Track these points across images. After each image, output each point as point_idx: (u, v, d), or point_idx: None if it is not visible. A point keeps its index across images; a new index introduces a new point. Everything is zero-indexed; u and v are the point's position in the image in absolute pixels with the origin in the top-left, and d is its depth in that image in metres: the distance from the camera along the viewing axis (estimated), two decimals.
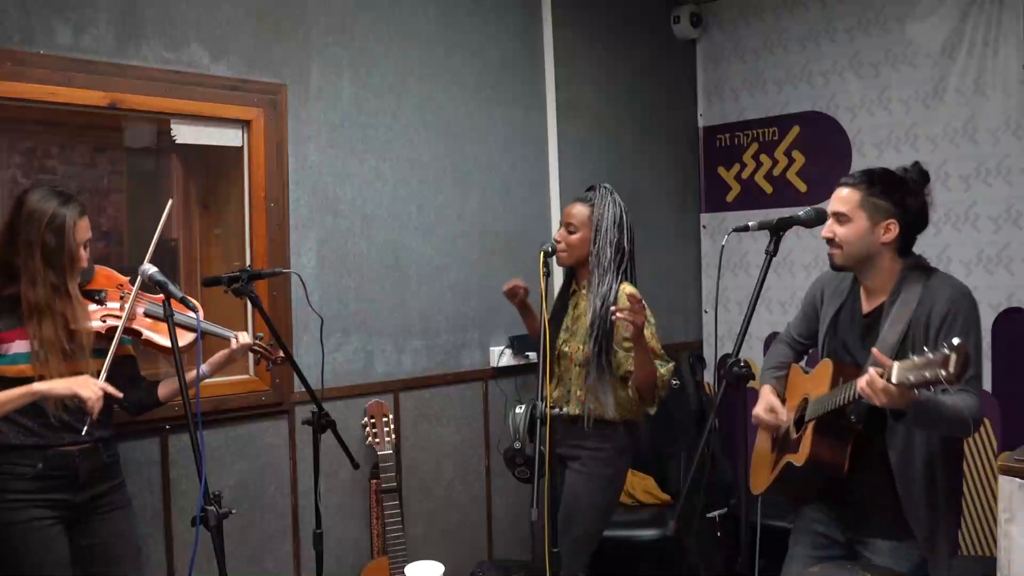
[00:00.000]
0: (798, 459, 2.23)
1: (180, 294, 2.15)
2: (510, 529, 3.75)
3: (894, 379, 1.85)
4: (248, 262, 2.99)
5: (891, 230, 2.17)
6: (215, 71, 2.88)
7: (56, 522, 2.26)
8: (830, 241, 2.23)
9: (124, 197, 3.12)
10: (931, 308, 2.12)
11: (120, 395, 2.23)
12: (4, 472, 2.23)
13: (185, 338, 2.35)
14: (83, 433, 2.17)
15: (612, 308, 2.65)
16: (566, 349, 2.90)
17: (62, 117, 2.80)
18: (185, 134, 2.85)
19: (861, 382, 1.94)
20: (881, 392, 1.89)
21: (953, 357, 1.73)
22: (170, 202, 2.37)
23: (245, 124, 2.96)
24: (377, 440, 3.14)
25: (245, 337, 2.51)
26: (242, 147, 2.98)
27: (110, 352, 2.24)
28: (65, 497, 2.28)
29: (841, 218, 2.20)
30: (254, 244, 2.99)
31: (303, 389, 2.62)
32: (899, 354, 2.07)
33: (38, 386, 2.15)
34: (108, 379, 2.24)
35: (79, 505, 2.31)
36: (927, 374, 1.77)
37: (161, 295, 2.17)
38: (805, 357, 2.58)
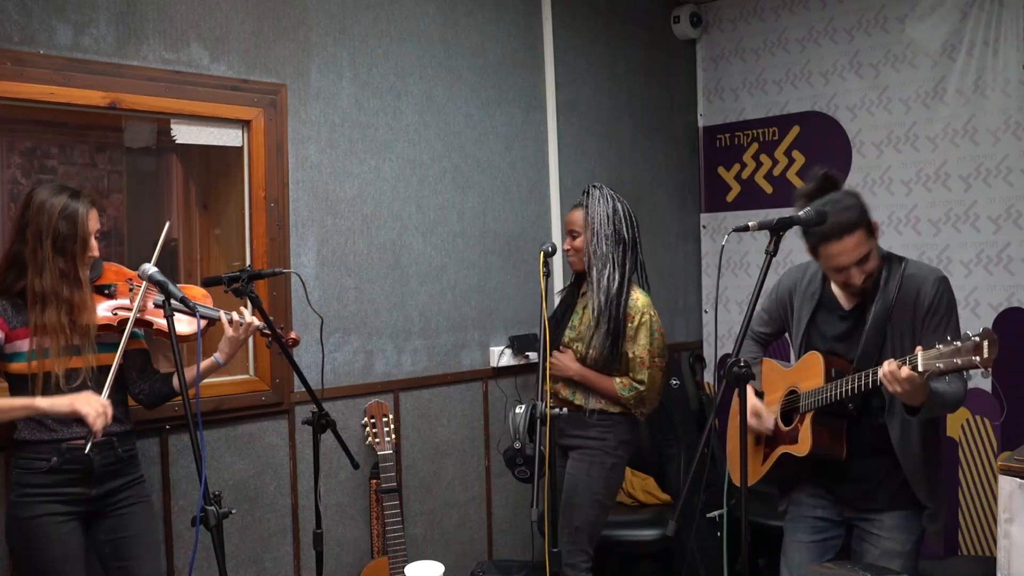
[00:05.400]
0: (800, 450, 2.32)
1: (180, 294, 2.15)
2: (510, 529, 3.75)
3: (920, 366, 1.94)
4: (248, 262, 2.99)
5: (877, 227, 2.26)
6: (215, 71, 2.88)
7: (70, 518, 2.28)
8: (867, 278, 2.24)
9: (124, 197, 3.12)
10: (917, 294, 2.24)
11: (109, 421, 2.18)
12: (21, 467, 2.26)
13: (191, 326, 2.37)
14: (85, 452, 2.16)
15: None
16: (576, 347, 2.95)
17: (62, 117, 2.80)
18: (185, 134, 2.85)
19: (883, 372, 2.02)
20: (905, 381, 1.98)
21: (985, 344, 1.81)
22: (167, 225, 2.39)
23: (245, 124, 2.96)
24: (377, 440, 3.14)
25: (247, 316, 2.48)
26: (242, 147, 2.98)
27: (122, 344, 2.24)
28: (80, 491, 2.29)
29: (865, 260, 2.21)
30: (254, 244, 2.99)
31: (303, 389, 2.62)
32: (885, 341, 2.23)
33: (39, 402, 2.16)
34: (119, 371, 2.30)
35: (95, 499, 2.32)
36: (958, 361, 1.86)
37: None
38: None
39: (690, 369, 4.32)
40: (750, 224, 2.22)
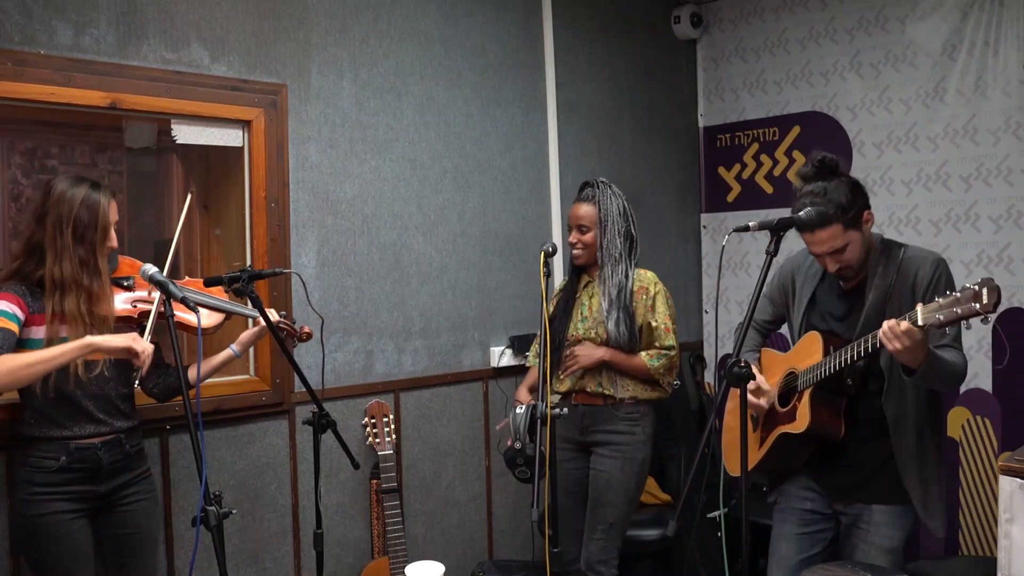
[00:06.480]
0: (797, 427, 2.31)
1: (180, 294, 2.15)
2: (510, 529, 3.75)
3: (920, 320, 1.93)
4: (248, 262, 2.99)
5: (870, 218, 2.27)
6: (215, 71, 2.88)
7: (79, 515, 2.29)
8: (842, 267, 2.28)
9: (124, 197, 3.12)
10: (915, 274, 2.25)
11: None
12: (30, 465, 2.26)
13: (211, 319, 2.46)
14: (135, 384, 2.28)
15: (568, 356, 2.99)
16: (593, 335, 2.99)
17: (62, 117, 2.80)
18: (185, 134, 2.85)
19: (883, 330, 2.01)
20: (904, 335, 1.96)
21: (984, 290, 1.79)
22: (189, 197, 2.47)
23: (245, 124, 2.96)
24: (377, 440, 3.14)
25: (272, 314, 2.54)
26: (242, 147, 2.98)
27: (148, 329, 2.26)
28: (88, 488, 2.30)
29: (841, 252, 2.25)
30: (254, 244, 2.99)
31: (303, 389, 2.62)
32: (883, 318, 2.19)
33: (93, 338, 2.16)
34: (128, 366, 2.36)
35: (102, 495, 2.33)
36: (958, 310, 1.85)
37: (186, 278, 2.21)
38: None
39: (690, 369, 4.32)
40: (750, 224, 2.22)
